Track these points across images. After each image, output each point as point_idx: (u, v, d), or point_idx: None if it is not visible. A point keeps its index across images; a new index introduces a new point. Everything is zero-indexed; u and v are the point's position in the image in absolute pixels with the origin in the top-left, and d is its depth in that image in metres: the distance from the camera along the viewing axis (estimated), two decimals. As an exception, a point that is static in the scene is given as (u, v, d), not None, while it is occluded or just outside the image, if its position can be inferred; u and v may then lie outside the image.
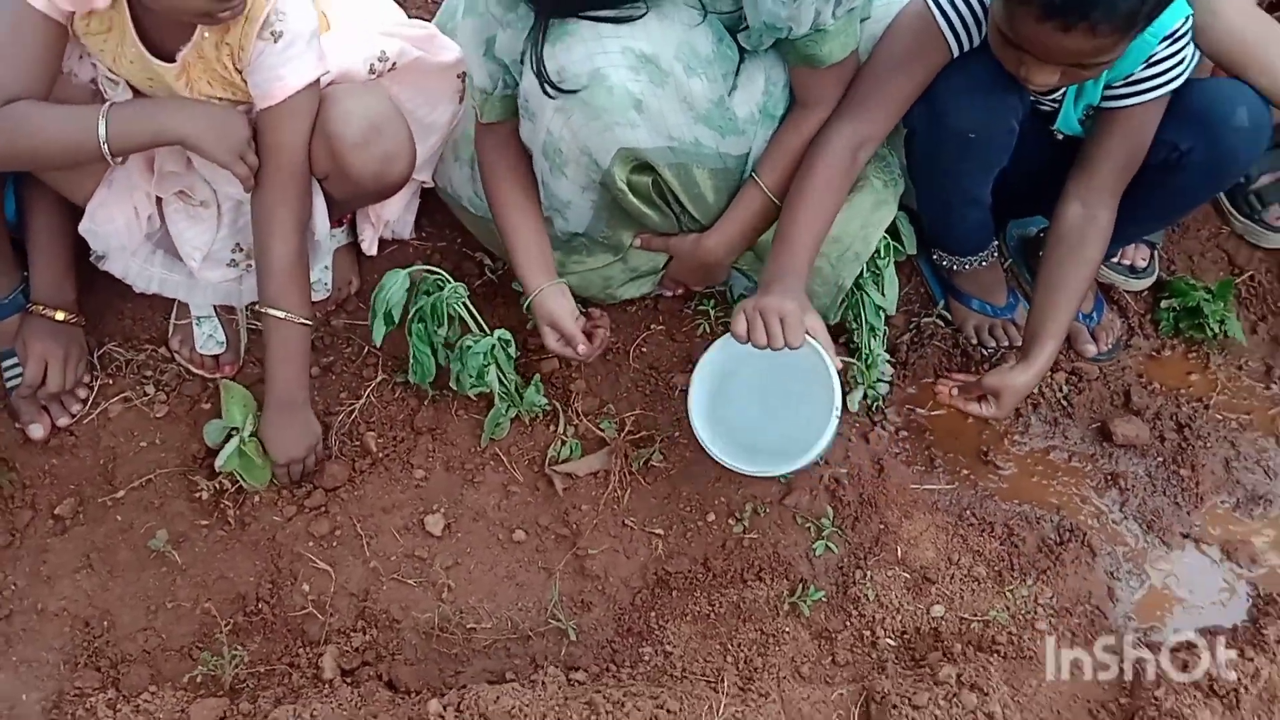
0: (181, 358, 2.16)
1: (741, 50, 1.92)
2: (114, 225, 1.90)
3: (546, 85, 1.77)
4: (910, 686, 1.80)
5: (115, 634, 1.93)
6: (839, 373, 1.82)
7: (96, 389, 2.15)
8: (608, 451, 2.10)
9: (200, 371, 2.15)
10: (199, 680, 1.89)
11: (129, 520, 2.02)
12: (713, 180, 1.97)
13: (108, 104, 1.72)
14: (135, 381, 2.16)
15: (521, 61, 1.83)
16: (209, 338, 2.14)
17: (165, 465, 2.07)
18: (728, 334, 1.84)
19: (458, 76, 2.09)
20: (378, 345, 2.02)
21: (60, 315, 2.06)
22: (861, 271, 2.13)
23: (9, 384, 2.11)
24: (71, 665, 1.90)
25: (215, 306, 2.16)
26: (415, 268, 2.02)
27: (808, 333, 1.80)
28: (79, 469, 2.09)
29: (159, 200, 1.99)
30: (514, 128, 2.01)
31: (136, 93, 1.81)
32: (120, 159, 1.77)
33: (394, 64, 1.97)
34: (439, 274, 2.02)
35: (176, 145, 1.77)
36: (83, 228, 1.91)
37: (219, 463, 1.95)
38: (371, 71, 1.95)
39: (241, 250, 2.05)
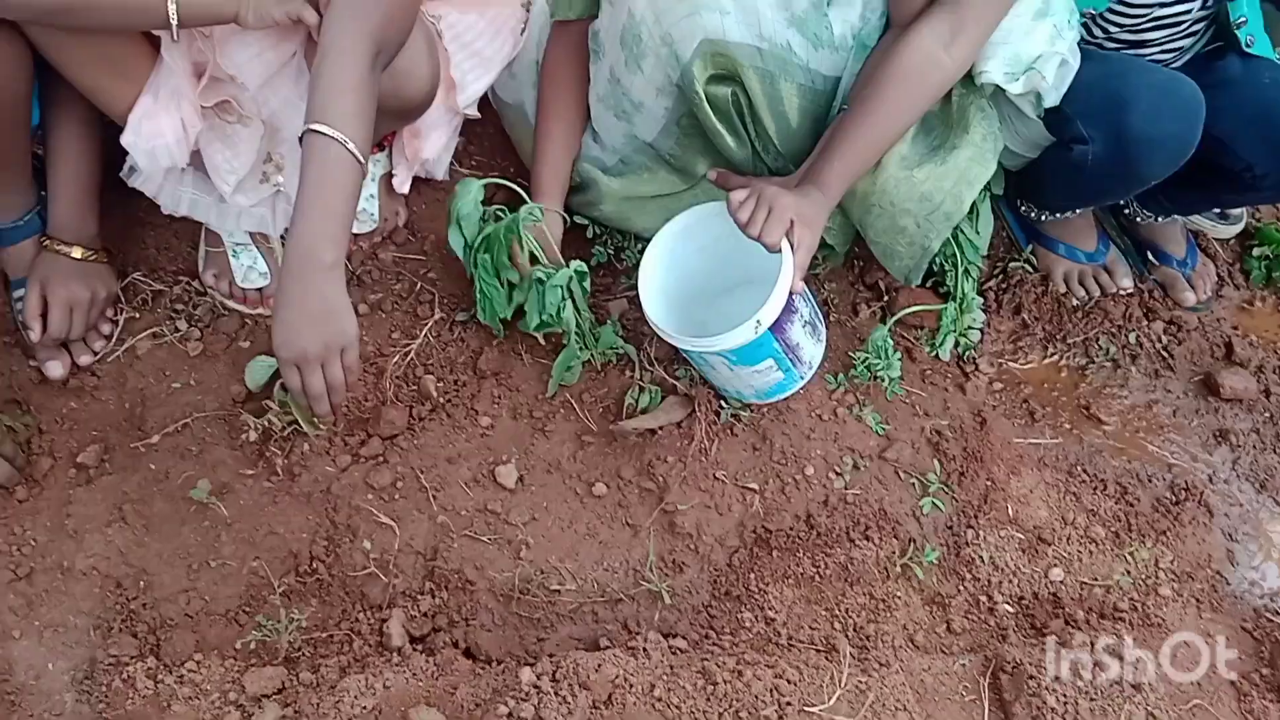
0: (219, 293, 1.94)
1: None
2: (163, 140, 1.65)
3: None
4: (1039, 655, 1.66)
5: (153, 595, 1.72)
6: (790, 294, 1.68)
7: (121, 324, 1.92)
8: (678, 402, 1.92)
9: (240, 307, 1.94)
10: (251, 647, 1.69)
11: (164, 469, 1.80)
12: (799, 99, 1.80)
13: None
14: (165, 316, 1.94)
15: None
16: (249, 269, 1.92)
17: (202, 408, 1.85)
18: (711, 204, 1.77)
19: (523, 5, 1.90)
20: (456, 253, 1.83)
21: (78, 253, 1.82)
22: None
23: (21, 316, 1.88)
24: (104, 630, 1.69)
25: (259, 247, 1.94)
26: (488, 179, 1.83)
27: (789, 241, 1.67)
28: (102, 412, 1.87)
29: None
30: (585, 31, 1.91)
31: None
32: (175, 35, 1.52)
33: None
34: (509, 188, 1.84)
35: (231, 23, 1.54)
36: (126, 140, 1.65)
37: (281, 393, 1.71)
38: None
39: (273, 160, 1.81)
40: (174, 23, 1.48)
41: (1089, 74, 1.79)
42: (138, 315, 1.93)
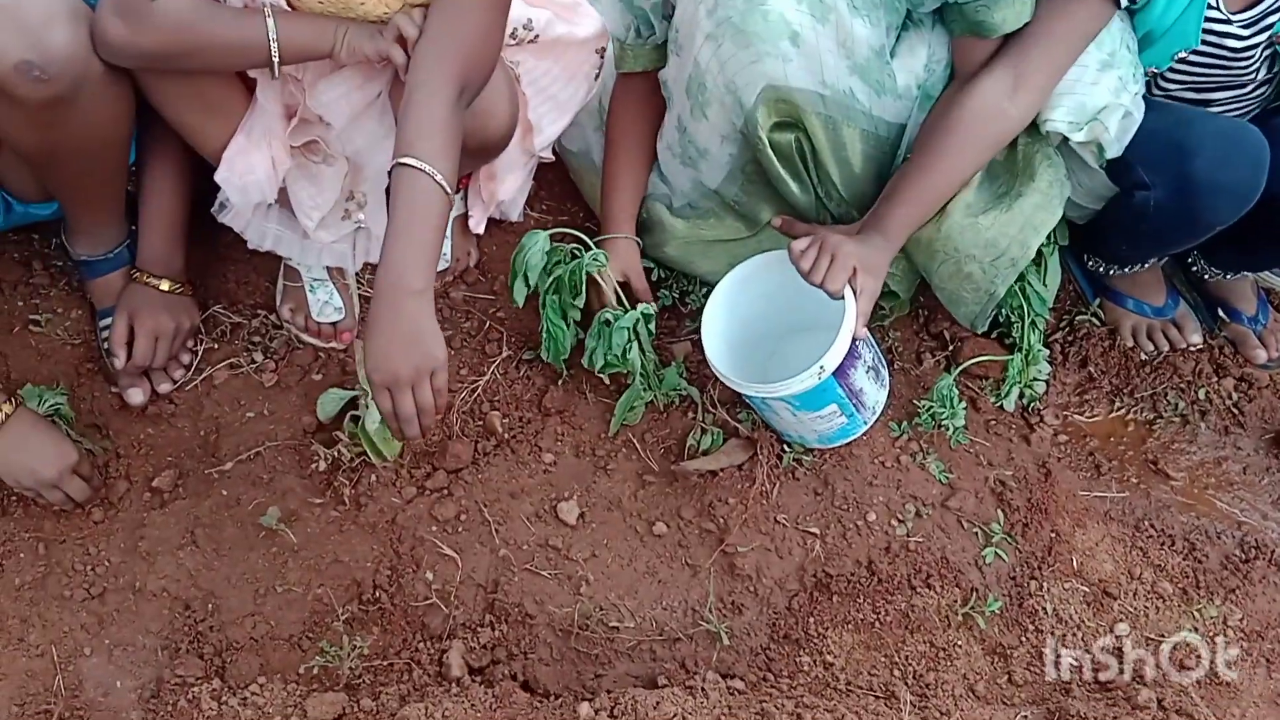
0: (295, 326, 1.99)
1: (908, 12, 1.79)
2: (254, 177, 1.71)
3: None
4: (1105, 711, 1.62)
5: (220, 618, 1.75)
6: (853, 340, 1.70)
7: (200, 354, 1.98)
8: (740, 444, 1.93)
9: (314, 340, 1.99)
10: (314, 673, 1.71)
11: (235, 495, 1.84)
12: (863, 145, 1.83)
13: (266, 3, 1.54)
14: (243, 348, 1.99)
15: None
16: (325, 304, 1.98)
17: (274, 438, 1.90)
18: (775, 252, 1.81)
19: (596, 52, 1.95)
20: (518, 305, 1.86)
21: (165, 285, 1.89)
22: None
23: (106, 345, 1.94)
24: (172, 651, 1.73)
25: (333, 280, 2.00)
26: (555, 229, 1.86)
27: (851, 288, 1.71)
28: (178, 439, 1.92)
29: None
30: (651, 84, 1.96)
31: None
32: (275, 72, 1.58)
33: (537, 35, 1.81)
34: (577, 237, 1.87)
35: (326, 59, 1.60)
36: (220, 176, 1.72)
37: (368, 422, 1.72)
38: (513, 37, 1.78)
39: (354, 198, 1.87)
40: (275, 60, 1.55)
41: (1152, 121, 1.79)
42: (216, 346, 1.99)
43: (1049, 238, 1.96)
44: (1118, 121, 1.77)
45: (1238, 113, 1.93)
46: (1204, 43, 1.76)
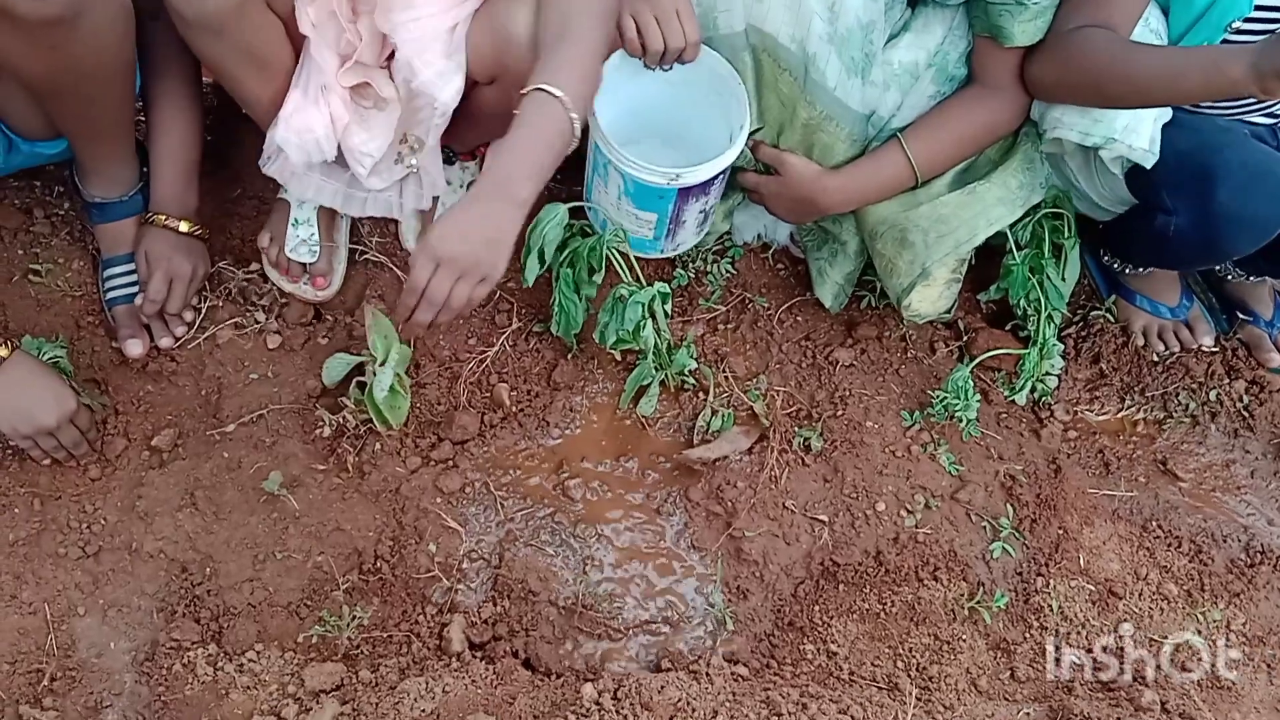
0: (267, 257, 1.93)
1: None
2: (312, 135, 1.66)
3: None
4: (1108, 711, 1.62)
5: (218, 583, 1.72)
6: (716, 178, 1.74)
7: (204, 311, 1.93)
8: (743, 431, 1.91)
9: (280, 277, 1.93)
10: (312, 641, 1.69)
11: (236, 458, 1.81)
12: (806, 122, 1.77)
13: None
14: (246, 308, 1.95)
15: None
16: (302, 242, 1.91)
17: (278, 401, 1.86)
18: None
19: None
20: (528, 284, 1.82)
21: (184, 226, 1.84)
22: (1042, 252, 1.95)
23: (108, 295, 1.90)
24: (168, 614, 1.70)
25: (318, 222, 1.94)
26: (574, 204, 1.83)
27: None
28: (178, 398, 1.88)
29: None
30: None
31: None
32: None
33: None
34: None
35: None
36: (278, 135, 1.67)
37: (375, 389, 1.70)
38: None
39: (408, 142, 1.79)
40: None
41: (1182, 143, 1.74)
42: (220, 304, 1.95)
43: (1068, 231, 1.94)
44: (1149, 132, 1.72)
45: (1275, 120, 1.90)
46: (1258, 6, 1.70)
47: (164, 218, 1.82)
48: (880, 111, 1.75)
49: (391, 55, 1.66)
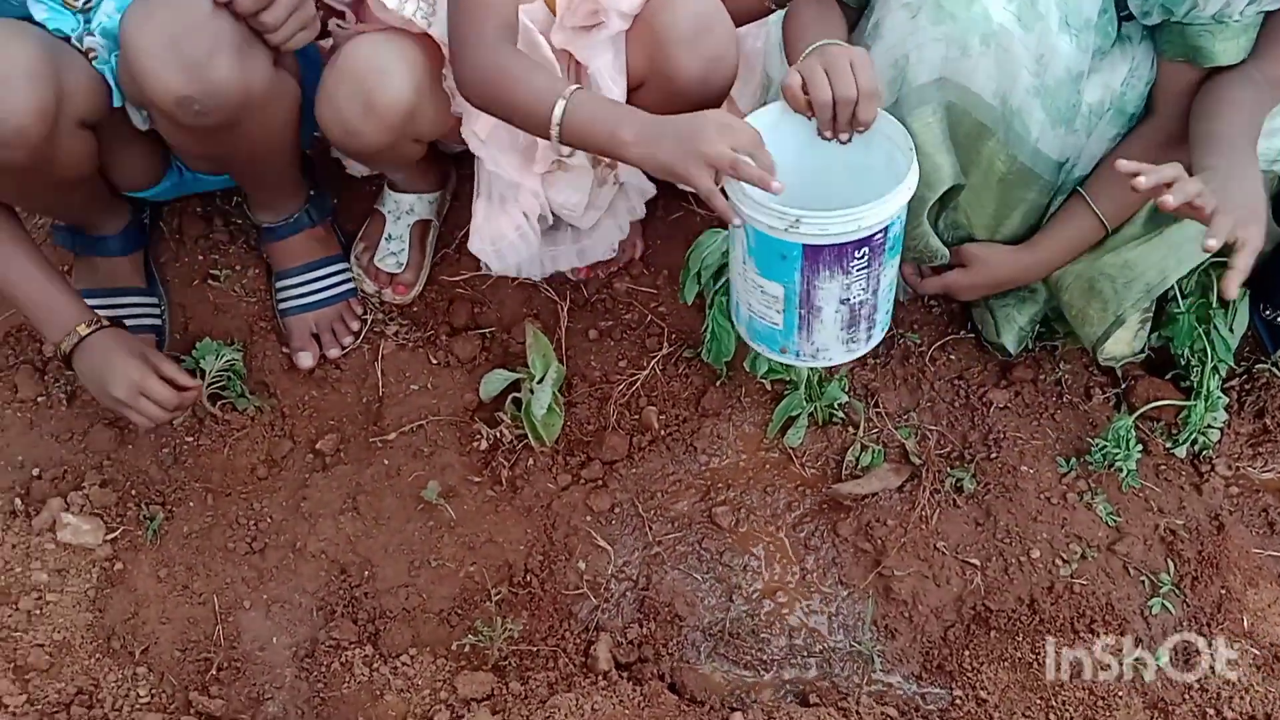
0: (359, 263, 2.03)
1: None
2: (506, 240, 1.78)
3: None
4: (1273, 781, 1.56)
5: (375, 586, 1.78)
6: (862, 243, 1.47)
7: (369, 324, 2.00)
8: (893, 469, 1.89)
9: (367, 281, 2.02)
10: (465, 650, 1.72)
11: (396, 465, 1.87)
12: (1003, 171, 1.70)
13: (572, 87, 1.52)
14: (409, 324, 2.01)
15: None
16: (390, 255, 2.00)
17: (437, 412, 1.91)
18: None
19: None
20: (686, 301, 1.83)
21: None
22: (1209, 301, 1.90)
23: (280, 307, 1.99)
24: (327, 613, 1.76)
25: (410, 236, 2.02)
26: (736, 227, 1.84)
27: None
28: (341, 405, 1.95)
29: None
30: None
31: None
32: (567, 153, 1.64)
33: None
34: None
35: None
36: (474, 247, 1.81)
37: (534, 406, 1.75)
38: None
39: (603, 162, 1.85)
40: (558, 145, 1.57)
41: None
42: (385, 318, 2.01)
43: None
44: None
45: None
46: None
47: None
48: (1072, 158, 1.73)
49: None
